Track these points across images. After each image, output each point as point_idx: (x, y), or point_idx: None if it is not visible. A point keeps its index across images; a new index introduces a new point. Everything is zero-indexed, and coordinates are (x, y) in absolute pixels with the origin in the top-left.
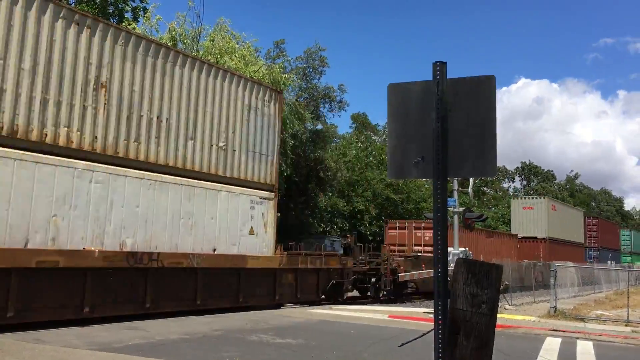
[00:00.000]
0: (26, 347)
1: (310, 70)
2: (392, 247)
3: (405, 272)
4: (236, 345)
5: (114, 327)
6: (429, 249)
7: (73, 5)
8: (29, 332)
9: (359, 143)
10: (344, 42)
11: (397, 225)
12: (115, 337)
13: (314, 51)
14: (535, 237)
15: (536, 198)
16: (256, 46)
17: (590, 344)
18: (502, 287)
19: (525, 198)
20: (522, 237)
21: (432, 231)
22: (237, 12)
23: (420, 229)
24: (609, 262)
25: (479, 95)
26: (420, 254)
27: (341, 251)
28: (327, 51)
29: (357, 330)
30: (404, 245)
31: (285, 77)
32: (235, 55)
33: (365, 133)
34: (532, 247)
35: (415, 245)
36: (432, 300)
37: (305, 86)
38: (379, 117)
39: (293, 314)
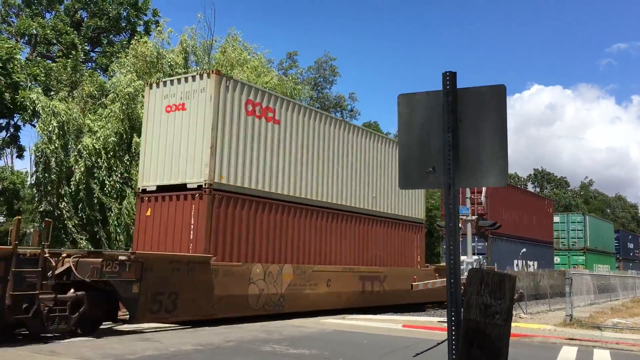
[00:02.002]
0: (42, 359)
1: (321, 80)
2: None
3: None
4: (250, 356)
5: (126, 338)
6: None
7: (85, 19)
8: (44, 344)
9: None
10: (354, 50)
11: None
12: (129, 349)
13: (324, 61)
14: (184, 186)
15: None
16: (269, 57)
17: (607, 352)
18: (516, 295)
19: (177, 82)
20: (153, 189)
21: None
22: (248, 24)
23: None
24: (518, 262)
25: (490, 104)
26: None
27: None
28: (338, 60)
29: (370, 340)
30: None
31: (299, 87)
32: (247, 67)
33: None
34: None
35: None
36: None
37: (316, 96)
38: (391, 125)
39: (306, 324)
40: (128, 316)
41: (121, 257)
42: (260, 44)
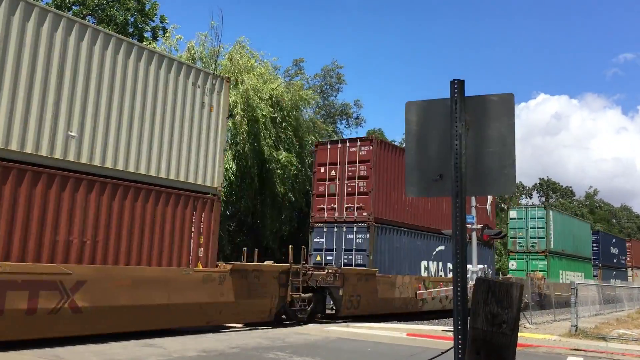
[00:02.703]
0: None
1: (327, 87)
2: None
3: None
4: None
5: (130, 344)
6: None
7: (94, 24)
8: (48, 349)
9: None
10: (361, 57)
11: None
12: (133, 355)
13: (331, 68)
14: None
15: None
16: (275, 64)
17: None
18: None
19: None
20: None
21: None
22: (256, 30)
23: None
24: (428, 264)
25: (498, 113)
26: None
27: None
28: (344, 67)
29: (375, 349)
30: None
31: (305, 93)
32: (253, 74)
33: None
34: None
35: None
36: (451, 318)
37: (322, 103)
38: (395, 132)
39: (310, 331)
40: None
41: None
42: (268, 50)
